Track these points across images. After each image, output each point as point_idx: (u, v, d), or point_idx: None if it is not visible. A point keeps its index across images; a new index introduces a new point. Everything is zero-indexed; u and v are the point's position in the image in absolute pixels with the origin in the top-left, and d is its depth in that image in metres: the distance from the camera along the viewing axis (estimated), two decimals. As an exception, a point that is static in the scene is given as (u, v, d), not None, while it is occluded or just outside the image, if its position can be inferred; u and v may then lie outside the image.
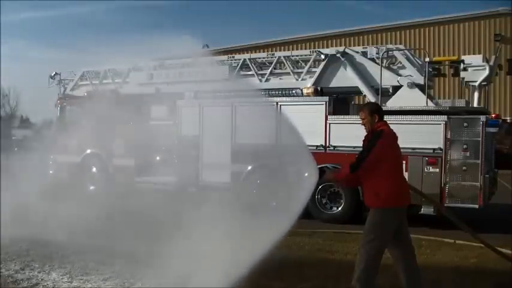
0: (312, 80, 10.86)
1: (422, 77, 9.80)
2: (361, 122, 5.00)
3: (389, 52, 10.48)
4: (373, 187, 4.71)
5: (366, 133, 4.93)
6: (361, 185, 4.96)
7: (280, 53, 12.39)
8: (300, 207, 5.08)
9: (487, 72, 10.02)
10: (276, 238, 5.01)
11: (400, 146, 5.00)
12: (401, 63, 10.35)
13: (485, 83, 10.21)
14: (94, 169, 13.17)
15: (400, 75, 10.15)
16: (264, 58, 12.06)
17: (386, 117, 5.02)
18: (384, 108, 7.06)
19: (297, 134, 6.02)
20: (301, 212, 5.05)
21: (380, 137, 4.72)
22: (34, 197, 8.25)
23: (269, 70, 11.49)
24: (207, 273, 5.27)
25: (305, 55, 11.73)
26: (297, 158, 5.59)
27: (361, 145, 4.91)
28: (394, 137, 4.91)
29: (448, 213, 5.83)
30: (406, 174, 8.15)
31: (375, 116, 4.87)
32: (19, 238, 7.38)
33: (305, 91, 10.69)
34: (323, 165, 8.93)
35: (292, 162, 5.85)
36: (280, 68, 11.74)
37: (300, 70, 11.36)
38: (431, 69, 10.07)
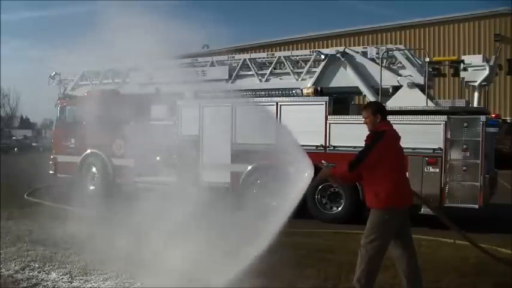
0: (312, 80, 10.84)
1: (422, 77, 9.77)
2: (363, 120, 4.97)
3: (389, 52, 10.45)
4: (374, 188, 4.68)
5: (367, 132, 4.90)
6: (359, 184, 4.93)
7: (280, 53, 12.35)
8: (295, 205, 5.07)
9: (487, 72, 9.99)
10: (273, 235, 5.00)
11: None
12: (401, 63, 10.34)
13: (485, 83, 10.17)
14: (94, 169, 13.18)
15: (400, 75, 10.13)
16: (264, 58, 12.03)
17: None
18: (385, 108, 7.03)
19: (288, 132, 5.98)
20: (296, 209, 5.03)
21: (382, 138, 4.69)
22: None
23: (269, 70, 11.45)
24: (206, 273, 5.28)
25: (305, 55, 11.71)
26: (291, 155, 5.53)
27: (363, 144, 4.86)
28: (397, 137, 4.89)
29: (438, 213, 5.80)
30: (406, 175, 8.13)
31: (378, 115, 4.85)
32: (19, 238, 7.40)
33: (305, 91, 10.67)
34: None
35: (287, 160, 5.79)
36: (280, 68, 11.70)
37: (300, 70, 11.33)
38: (431, 69, 10.03)
